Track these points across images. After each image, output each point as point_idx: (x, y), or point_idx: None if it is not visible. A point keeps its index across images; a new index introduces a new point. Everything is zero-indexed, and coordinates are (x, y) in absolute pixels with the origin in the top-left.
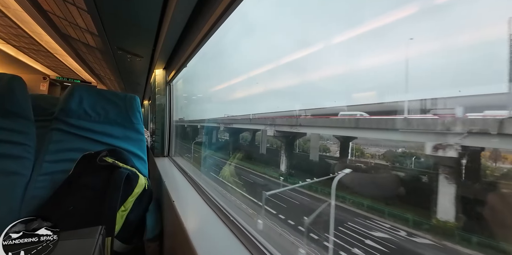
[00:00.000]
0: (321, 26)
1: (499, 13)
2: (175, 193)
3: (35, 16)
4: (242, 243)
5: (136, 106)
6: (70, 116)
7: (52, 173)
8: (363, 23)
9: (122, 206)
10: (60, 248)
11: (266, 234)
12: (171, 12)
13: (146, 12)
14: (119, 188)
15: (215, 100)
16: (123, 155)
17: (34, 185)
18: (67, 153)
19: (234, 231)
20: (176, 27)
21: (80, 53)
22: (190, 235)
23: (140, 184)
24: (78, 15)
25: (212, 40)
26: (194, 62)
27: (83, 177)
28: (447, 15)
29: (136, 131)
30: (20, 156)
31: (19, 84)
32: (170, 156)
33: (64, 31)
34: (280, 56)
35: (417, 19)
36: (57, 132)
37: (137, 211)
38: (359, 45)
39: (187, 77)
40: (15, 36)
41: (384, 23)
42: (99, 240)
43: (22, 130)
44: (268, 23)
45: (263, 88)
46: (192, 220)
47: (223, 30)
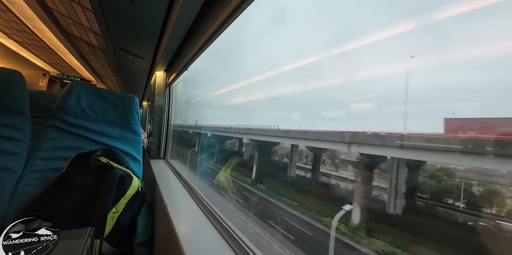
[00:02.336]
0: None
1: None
2: (168, 197)
3: (40, 13)
4: (234, 251)
5: (134, 107)
6: (67, 114)
7: (44, 170)
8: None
9: (114, 208)
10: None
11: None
12: (176, 16)
13: (151, 15)
14: (111, 189)
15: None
16: (118, 156)
17: (25, 182)
18: (61, 151)
19: (227, 238)
20: (180, 30)
21: (82, 52)
22: (182, 241)
23: (133, 186)
24: (82, 14)
25: (234, 34)
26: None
27: (75, 176)
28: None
29: (133, 132)
30: (13, 151)
31: (18, 79)
32: (166, 159)
33: (67, 29)
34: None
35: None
36: (52, 129)
37: (128, 214)
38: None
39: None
40: (18, 32)
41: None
42: (87, 242)
43: (18, 126)
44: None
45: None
46: (184, 225)
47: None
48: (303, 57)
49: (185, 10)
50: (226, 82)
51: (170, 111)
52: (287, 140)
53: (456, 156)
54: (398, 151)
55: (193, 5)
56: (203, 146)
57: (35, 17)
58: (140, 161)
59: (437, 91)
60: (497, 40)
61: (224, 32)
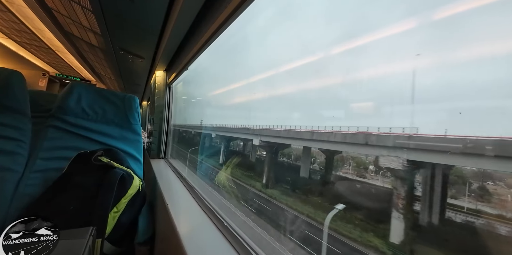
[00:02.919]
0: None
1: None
2: (169, 196)
3: (39, 13)
4: (236, 249)
5: (134, 106)
6: (67, 114)
7: (45, 170)
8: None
9: (115, 207)
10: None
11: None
12: (176, 16)
13: (151, 15)
14: (112, 188)
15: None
16: (119, 155)
17: (26, 182)
18: (62, 151)
19: (228, 237)
20: (180, 30)
21: (82, 52)
22: (183, 240)
23: (134, 185)
24: (82, 14)
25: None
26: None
27: (76, 176)
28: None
29: (133, 132)
30: (14, 151)
31: (18, 79)
32: (166, 158)
33: (67, 29)
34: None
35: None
36: (53, 129)
37: (129, 213)
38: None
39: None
40: (17, 32)
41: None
42: (89, 241)
43: (18, 126)
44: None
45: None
46: (186, 224)
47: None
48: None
49: (185, 10)
50: (234, 79)
51: (170, 111)
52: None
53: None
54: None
55: (193, 5)
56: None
57: (34, 17)
58: (141, 160)
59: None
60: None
61: (230, 28)
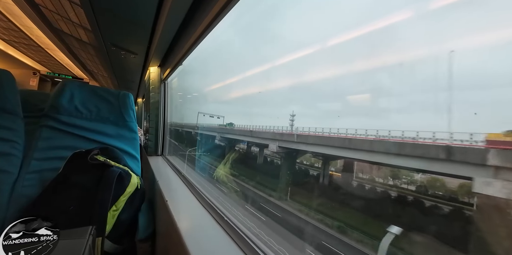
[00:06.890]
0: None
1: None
2: (168, 193)
3: (26, 10)
4: (236, 243)
5: (129, 104)
6: (61, 113)
7: (40, 171)
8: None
9: (114, 206)
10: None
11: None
12: (168, 9)
13: (142, 8)
14: (110, 187)
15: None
16: (116, 154)
17: (22, 183)
18: (57, 151)
19: (228, 231)
20: (173, 24)
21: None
22: (183, 235)
23: (132, 183)
24: (71, 10)
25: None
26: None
27: (73, 175)
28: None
29: (129, 129)
30: (8, 153)
31: (7, 79)
32: (164, 155)
33: (56, 25)
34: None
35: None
36: (46, 129)
37: (129, 211)
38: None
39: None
40: (5, 30)
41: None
42: (89, 241)
43: (10, 126)
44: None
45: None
46: (186, 220)
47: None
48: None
49: (177, 2)
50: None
51: (166, 108)
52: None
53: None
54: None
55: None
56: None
57: (21, 14)
58: (138, 158)
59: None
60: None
61: (225, 18)
